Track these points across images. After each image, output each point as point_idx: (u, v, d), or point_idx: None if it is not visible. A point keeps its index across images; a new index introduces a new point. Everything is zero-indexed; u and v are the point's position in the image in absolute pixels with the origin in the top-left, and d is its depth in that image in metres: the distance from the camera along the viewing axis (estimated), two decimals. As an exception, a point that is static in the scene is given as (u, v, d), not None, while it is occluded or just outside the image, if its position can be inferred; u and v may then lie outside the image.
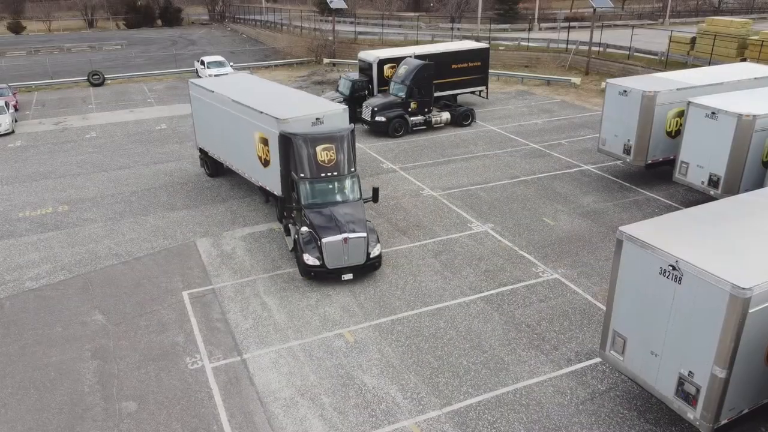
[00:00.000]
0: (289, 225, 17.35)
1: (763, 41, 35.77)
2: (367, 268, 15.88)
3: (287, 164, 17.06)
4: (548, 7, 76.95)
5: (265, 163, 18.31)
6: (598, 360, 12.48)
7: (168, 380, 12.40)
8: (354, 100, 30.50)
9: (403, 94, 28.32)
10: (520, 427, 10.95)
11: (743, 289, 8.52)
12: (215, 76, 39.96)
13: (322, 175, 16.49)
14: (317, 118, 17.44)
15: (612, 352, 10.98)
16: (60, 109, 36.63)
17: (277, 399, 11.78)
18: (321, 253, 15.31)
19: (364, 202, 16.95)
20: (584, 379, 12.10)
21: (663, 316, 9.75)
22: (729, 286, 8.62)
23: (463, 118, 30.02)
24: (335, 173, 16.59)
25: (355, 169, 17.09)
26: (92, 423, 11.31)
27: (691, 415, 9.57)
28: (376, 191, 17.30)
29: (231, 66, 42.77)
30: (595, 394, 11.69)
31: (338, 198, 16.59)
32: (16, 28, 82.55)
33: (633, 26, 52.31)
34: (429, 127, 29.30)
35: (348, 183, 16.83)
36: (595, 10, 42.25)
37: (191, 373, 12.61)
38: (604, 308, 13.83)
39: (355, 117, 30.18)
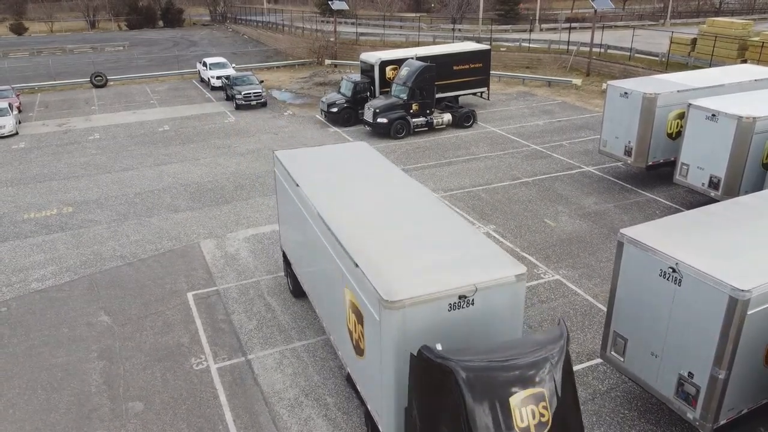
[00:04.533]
0: None
1: (763, 42, 35.87)
2: None
3: (432, 422, 7.79)
4: (549, 8, 77.10)
5: (357, 349, 10.09)
6: (599, 361, 12.59)
7: (174, 381, 12.54)
8: (356, 102, 30.74)
9: (404, 96, 28.46)
10: (522, 427, 11.06)
11: (742, 291, 8.64)
12: (217, 77, 40.32)
13: None
14: (461, 297, 8.47)
15: (613, 353, 11.11)
16: (63, 110, 36.81)
17: (282, 399, 11.92)
18: None
19: None
20: (585, 380, 12.22)
21: (663, 318, 9.87)
22: (728, 288, 8.75)
23: (464, 119, 30.15)
24: None
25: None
26: (99, 423, 11.45)
27: (691, 415, 9.69)
28: None
29: (233, 67, 42.91)
30: (596, 395, 11.81)
31: None
32: (19, 29, 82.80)
33: (634, 27, 52.44)
34: (430, 128, 29.43)
35: None
36: (596, 11, 42.37)
37: (196, 373, 12.75)
38: (605, 309, 13.95)
39: (356, 118, 30.57)
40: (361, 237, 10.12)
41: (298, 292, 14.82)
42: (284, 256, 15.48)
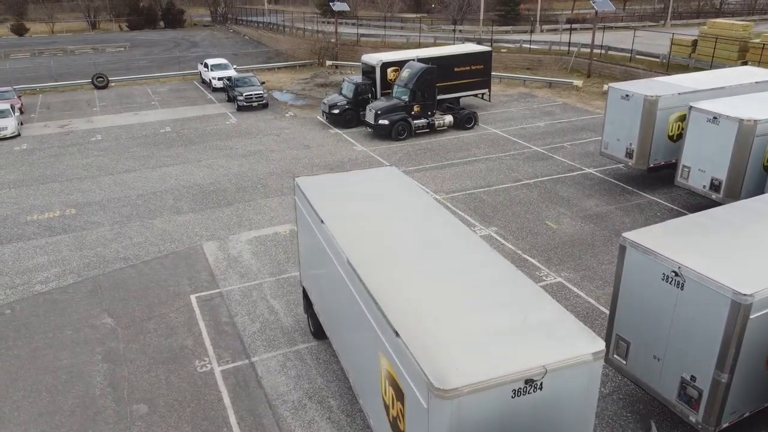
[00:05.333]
0: None
1: (764, 44, 35.91)
2: None
3: None
4: (549, 8, 77.16)
5: (395, 427, 8.58)
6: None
7: (178, 383, 12.60)
8: (357, 103, 30.80)
9: (406, 98, 28.53)
10: (524, 430, 11.10)
11: (744, 295, 8.69)
12: (218, 79, 40.36)
13: None
14: (528, 381, 7.20)
15: (615, 356, 11.16)
16: (65, 111, 36.87)
17: (286, 402, 11.97)
18: None
19: None
20: (588, 383, 12.26)
21: (665, 322, 9.93)
22: (731, 292, 8.80)
23: (465, 121, 30.21)
24: None
25: None
26: (104, 426, 11.50)
27: (693, 418, 9.75)
28: None
29: (234, 69, 42.96)
30: (598, 397, 11.83)
31: None
32: (19, 30, 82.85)
33: (635, 28, 52.48)
34: (432, 130, 29.49)
35: None
36: (596, 12, 42.42)
37: (200, 376, 12.81)
38: (607, 312, 14.00)
39: (358, 120, 30.63)
40: (400, 294, 8.56)
41: (320, 334, 13.16)
42: (304, 292, 13.86)
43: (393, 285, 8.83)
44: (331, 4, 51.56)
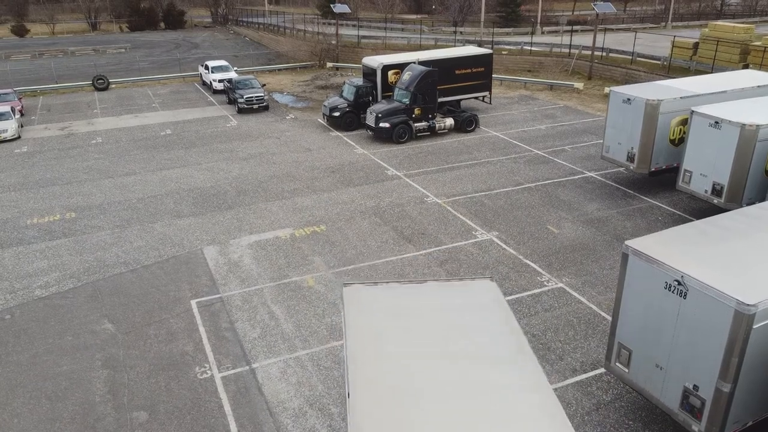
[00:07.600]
0: None
1: (765, 47, 35.85)
2: None
3: None
4: (550, 10, 77.11)
5: None
6: (603, 370, 12.59)
7: (178, 390, 12.55)
8: (358, 106, 30.76)
9: (407, 100, 28.47)
10: (526, 438, 11.04)
11: (748, 305, 8.64)
12: (219, 81, 40.30)
13: None
14: None
15: (617, 364, 11.11)
16: (65, 114, 36.83)
17: (286, 409, 11.92)
18: None
19: None
20: (589, 390, 12.22)
21: (668, 330, 9.88)
22: (734, 302, 8.75)
23: (466, 123, 30.17)
24: None
25: None
26: (104, 433, 11.47)
27: (696, 427, 9.69)
28: None
29: (235, 71, 42.92)
30: (600, 405, 11.82)
31: None
32: (20, 31, 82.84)
33: (636, 30, 52.42)
34: (433, 133, 29.44)
35: None
36: (597, 14, 42.38)
37: (201, 382, 12.76)
38: (608, 318, 13.98)
39: (359, 123, 30.59)
40: None
41: None
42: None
43: None
44: (332, 6, 51.51)
